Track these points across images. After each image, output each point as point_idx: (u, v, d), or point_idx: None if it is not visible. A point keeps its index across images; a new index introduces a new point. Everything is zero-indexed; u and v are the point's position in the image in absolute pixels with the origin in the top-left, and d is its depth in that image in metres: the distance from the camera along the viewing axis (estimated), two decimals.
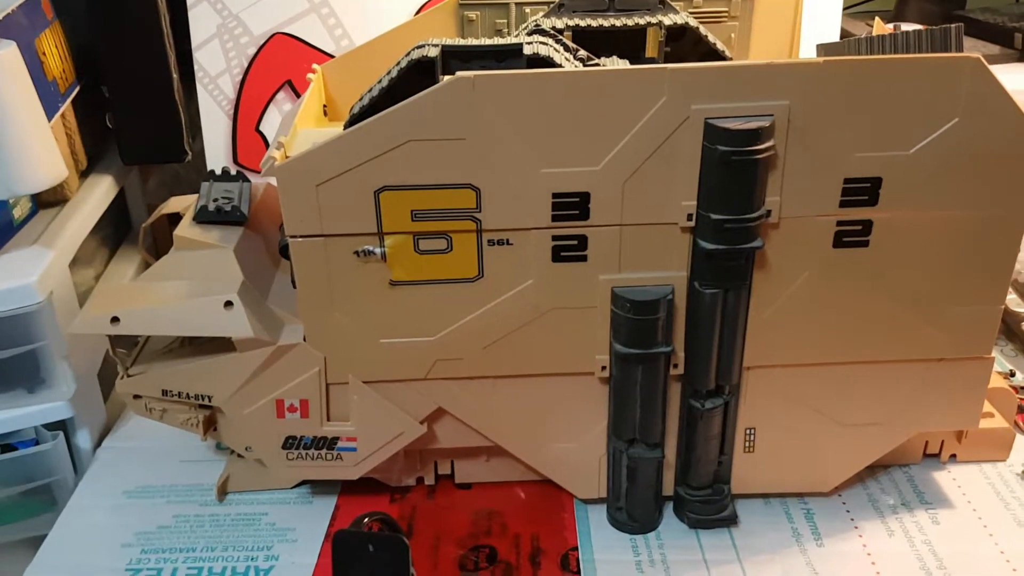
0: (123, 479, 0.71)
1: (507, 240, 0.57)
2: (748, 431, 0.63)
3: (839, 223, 0.56)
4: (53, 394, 0.69)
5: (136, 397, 0.64)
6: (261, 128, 0.92)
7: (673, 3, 0.69)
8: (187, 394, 0.63)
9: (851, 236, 0.57)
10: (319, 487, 0.69)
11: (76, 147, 0.80)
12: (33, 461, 0.69)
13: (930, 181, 0.55)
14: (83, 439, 0.72)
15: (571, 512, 0.67)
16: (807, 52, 0.79)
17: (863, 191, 0.55)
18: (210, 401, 0.63)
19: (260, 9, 0.89)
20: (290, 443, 0.64)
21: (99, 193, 0.82)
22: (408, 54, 0.59)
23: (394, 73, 0.60)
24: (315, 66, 0.75)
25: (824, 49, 0.67)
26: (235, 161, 0.92)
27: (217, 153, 0.92)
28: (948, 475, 0.69)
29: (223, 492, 0.69)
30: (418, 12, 0.90)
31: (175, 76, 0.83)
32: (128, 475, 0.71)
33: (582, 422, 0.63)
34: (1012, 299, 0.88)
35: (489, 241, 0.57)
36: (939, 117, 0.54)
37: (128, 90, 0.83)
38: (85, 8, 0.79)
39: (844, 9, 0.94)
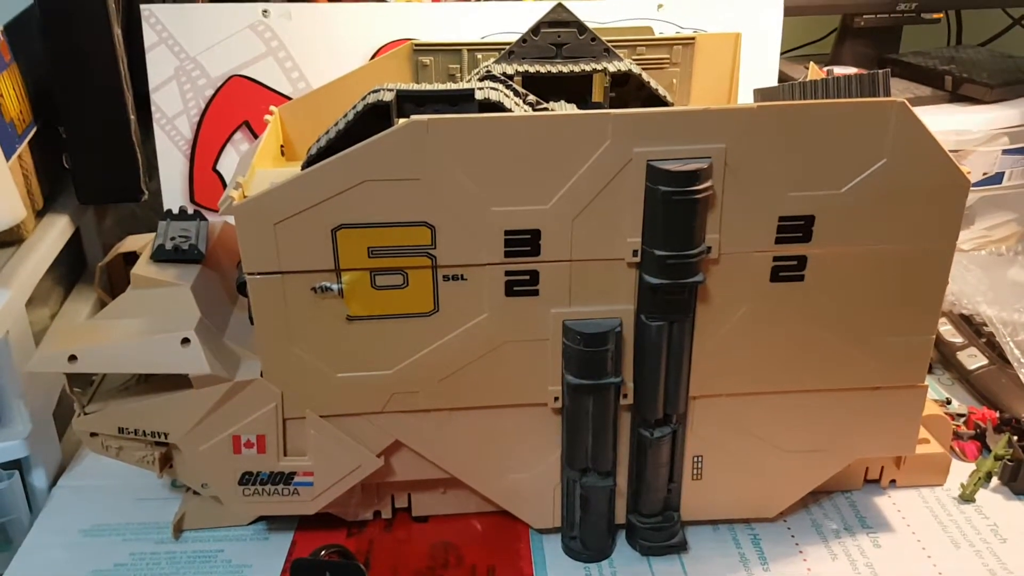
0: (79, 518, 0.70)
1: (461, 275, 0.58)
2: (696, 459, 0.65)
3: (775, 259, 0.59)
4: (8, 433, 0.69)
5: (93, 435, 0.65)
6: (218, 168, 0.93)
7: (617, 51, 0.71)
8: (143, 431, 0.63)
9: (787, 271, 0.59)
10: (275, 523, 0.69)
11: (33, 187, 0.80)
12: None
13: (861, 218, 0.58)
14: (38, 478, 0.72)
15: (527, 542, 0.68)
16: (745, 96, 0.82)
17: (797, 228, 0.58)
18: (166, 438, 0.63)
19: (217, 52, 0.90)
20: (246, 479, 0.64)
21: (55, 232, 0.82)
22: (364, 98, 0.61)
23: (351, 116, 0.61)
24: (272, 108, 0.77)
25: (760, 94, 0.70)
26: (192, 200, 0.93)
27: (174, 192, 0.93)
28: (888, 500, 0.72)
29: (179, 529, 0.69)
30: (374, 56, 0.92)
31: (132, 117, 0.84)
32: (84, 514, 0.71)
33: (536, 452, 0.65)
34: (948, 330, 0.91)
35: (444, 276, 0.58)
36: (868, 158, 0.57)
37: (85, 131, 0.83)
38: (43, 50, 0.79)
39: (782, 53, 0.98)
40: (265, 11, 0.90)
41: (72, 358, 0.59)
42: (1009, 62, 1.12)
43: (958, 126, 1.00)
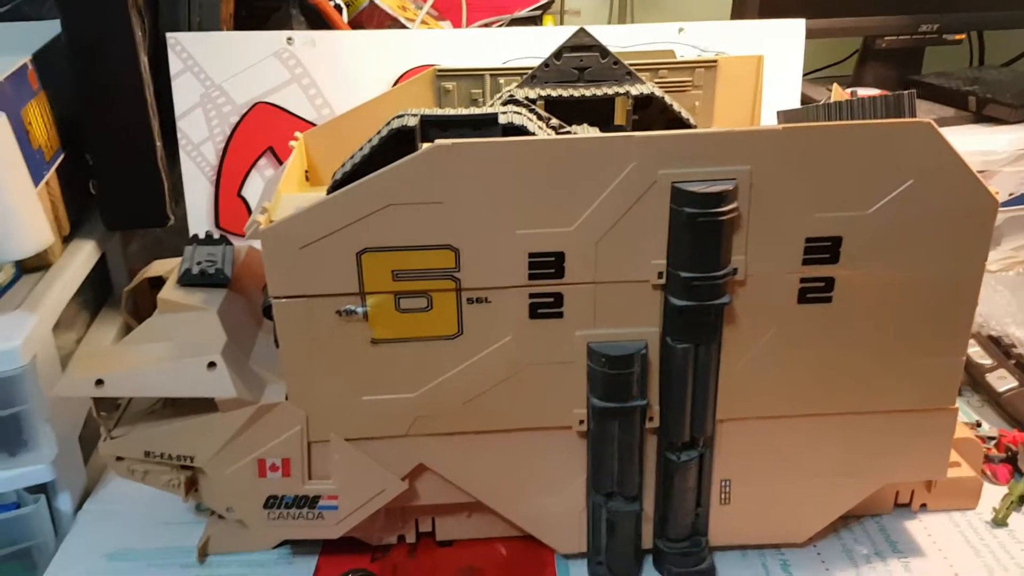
0: (104, 542, 0.70)
1: (486, 298, 0.58)
2: (723, 483, 0.65)
3: (803, 280, 0.58)
4: (35, 457, 0.69)
5: (119, 459, 0.65)
6: (243, 193, 0.94)
7: (639, 74, 0.71)
8: (169, 455, 0.63)
9: (814, 292, 0.59)
10: (300, 547, 0.69)
11: (59, 213, 0.81)
12: (14, 525, 0.69)
13: (888, 239, 0.58)
14: (64, 502, 0.72)
15: (552, 567, 0.67)
16: (768, 118, 0.82)
17: (824, 249, 0.58)
18: (192, 462, 0.63)
19: (242, 79, 0.91)
20: (271, 503, 0.64)
21: (82, 258, 0.82)
22: (388, 123, 0.61)
23: (375, 141, 0.62)
24: (297, 134, 0.77)
25: (784, 115, 0.70)
26: (217, 225, 0.94)
27: (199, 218, 0.94)
28: (919, 524, 0.71)
29: (204, 554, 0.69)
30: (396, 82, 0.93)
31: (158, 144, 0.85)
32: (109, 538, 0.71)
33: (561, 476, 0.64)
34: (976, 351, 0.90)
35: (468, 299, 0.58)
36: (894, 179, 0.56)
37: (112, 158, 0.84)
38: (70, 79, 0.81)
39: (805, 75, 0.98)
40: (289, 39, 0.91)
41: (99, 382, 0.60)
42: None
43: (983, 146, 0.99)
